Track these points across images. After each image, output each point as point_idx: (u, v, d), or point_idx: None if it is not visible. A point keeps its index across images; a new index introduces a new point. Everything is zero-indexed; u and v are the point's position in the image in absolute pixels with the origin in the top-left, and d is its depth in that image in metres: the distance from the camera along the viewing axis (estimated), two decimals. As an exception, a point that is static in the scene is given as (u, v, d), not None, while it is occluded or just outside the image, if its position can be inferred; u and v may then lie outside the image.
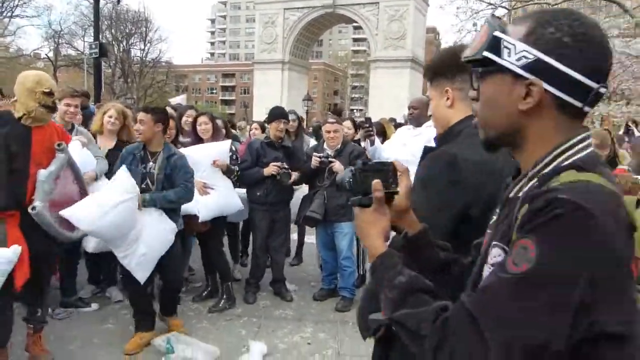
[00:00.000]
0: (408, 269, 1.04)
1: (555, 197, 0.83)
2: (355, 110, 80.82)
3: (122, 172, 3.72)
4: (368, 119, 5.33)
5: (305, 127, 6.88)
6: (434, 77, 1.76)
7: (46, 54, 43.13)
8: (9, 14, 36.78)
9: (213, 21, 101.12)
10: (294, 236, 6.49)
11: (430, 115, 1.86)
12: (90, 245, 4.17)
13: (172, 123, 4.53)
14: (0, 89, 6.63)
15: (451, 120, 1.70)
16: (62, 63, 43.09)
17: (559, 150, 0.95)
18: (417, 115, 4.48)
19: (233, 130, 7.19)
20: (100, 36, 13.82)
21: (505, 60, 0.96)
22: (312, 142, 6.22)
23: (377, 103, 29.21)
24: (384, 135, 6.11)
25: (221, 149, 4.74)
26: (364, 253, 5.09)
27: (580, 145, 0.95)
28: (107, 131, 4.60)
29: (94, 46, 13.01)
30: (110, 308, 4.62)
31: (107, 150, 4.55)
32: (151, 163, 3.92)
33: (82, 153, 4.05)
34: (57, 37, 42.19)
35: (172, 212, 3.96)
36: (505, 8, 16.85)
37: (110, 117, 4.58)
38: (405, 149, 4.22)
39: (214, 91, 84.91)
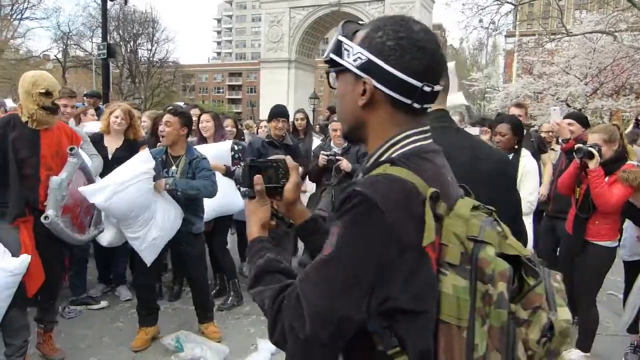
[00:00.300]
0: (272, 253, 1.18)
1: (353, 189, 0.96)
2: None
3: (144, 152, 3.78)
4: None
5: (312, 125, 6.87)
6: None
7: (55, 55, 43.38)
8: (19, 17, 37.06)
9: (219, 20, 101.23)
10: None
11: None
12: (105, 238, 4.09)
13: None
14: None
15: None
16: (71, 64, 43.33)
17: (388, 144, 1.07)
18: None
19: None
20: (108, 37, 13.87)
21: (345, 60, 1.08)
22: (317, 140, 6.21)
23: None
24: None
25: (220, 150, 4.78)
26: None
27: (408, 140, 1.06)
28: (113, 131, 4.63)
29: (102, 47, 13.08)
30: (120, 307, 4.66)
31: (114, 149, 4.58)
32: (174, 167, 3.95)
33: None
34: (65, 38, 42.39)
35: (194, 213, 4.03)
36: (511, 4, 16.70)
37: (117, 117, 4.61)
38: None
39: (221, 90, 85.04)
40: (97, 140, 4.51)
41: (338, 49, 1.10)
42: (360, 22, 1.17)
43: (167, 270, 5.45)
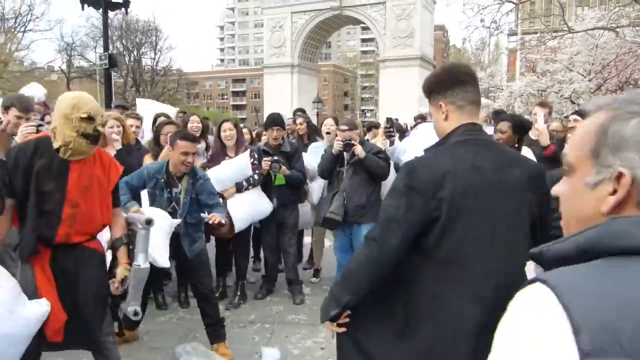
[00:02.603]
0: None
1: None
2: (366, 111, 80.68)
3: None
4: (389, 119, 5.33)
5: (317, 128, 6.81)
6: (430, 95, 1.96)
7: (59, 67, 43.72)
8: (22, 29, 37.38)
9: (222, 28, 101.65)
10: (307, 240, 6.50)
11: None
12: None
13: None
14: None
15: (446, 132, 1.89)
16: (75, 75, 43.64)
17: None
18: None
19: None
20: (111, 47, 14.00)
21: None
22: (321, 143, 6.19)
23: (387, 102, 29.14)
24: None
25: (240, 163, 4.80)
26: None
27: None
28: (110, 140, 4.53)
29: (103, 57, 13.15)
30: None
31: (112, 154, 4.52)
32: (178, 188, 3.93)
33: None
34: (69, 49, 42.75)
35: (197, 229, 4.00)
36: (512, 2, 16.65)
37: (112, 127, 4.52)
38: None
39: (225, 97, 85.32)
40: None
41: None
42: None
43: (170, 279, 5.45)
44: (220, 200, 4.28)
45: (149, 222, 2.91)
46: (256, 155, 4.91)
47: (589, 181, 0.81)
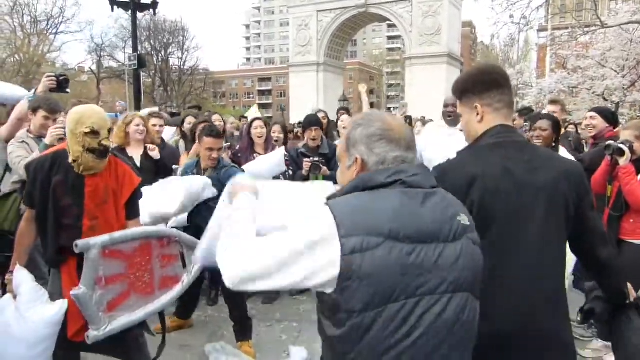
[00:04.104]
0: None
1: None
2: (392, 109, 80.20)
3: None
4: (408, 117, 5.28)
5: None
6: (463, 95, 1.93)
7: (90, 67, 44.66)
8: (54, 31, 38.35)
9: (248, 27, 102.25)
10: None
11: None
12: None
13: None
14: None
15: (479, 133, 1.89)
16: (105, 75, 44.54)
17: None
18: (457, 114, 4.36)
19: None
20: (140, 47, 14.23)
21: None
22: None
23: (414, 100, 28.93)
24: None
25: (277, 159, 4.82)
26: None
27: None
28: (135, 141, 4.61)
29: (132, 58, 13.35)
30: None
31: (140, 157, 4.58)
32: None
33: None
34: (99, 50, 43.63)
35: None
36: (543, -2, 16.32)
37: (138, 125, 4.58)
38: (443, 149, 4.15)
39: (251, 95, 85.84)
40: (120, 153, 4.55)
41: None
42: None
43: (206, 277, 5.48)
44: None
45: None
46: (291, 154, 4.99)
47: (347, 164, 1.46)
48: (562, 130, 4.63)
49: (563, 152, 3.93)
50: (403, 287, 1.24)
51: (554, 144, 3.92)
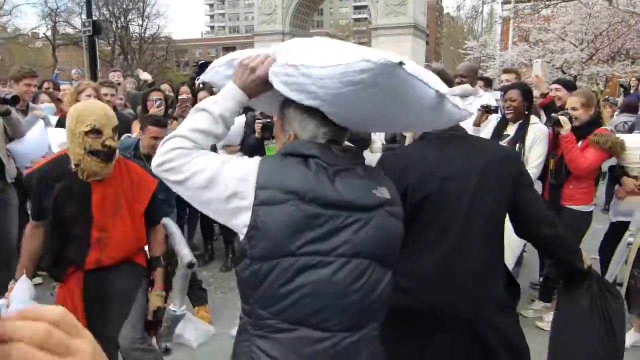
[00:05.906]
0: None
1: None
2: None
3: None
4: None
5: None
6: None
7: (44, 33, 42.74)
8: (4, -7, 36.43)
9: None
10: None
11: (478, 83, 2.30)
12: None
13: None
14: None
15: None
16: (61, 42, 42.70)
17: None
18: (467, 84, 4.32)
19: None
20: (98, 13, 13.65)
21: None
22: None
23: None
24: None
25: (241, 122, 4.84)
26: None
27: None
28: None
29: (87, 24, 12.80)
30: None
31: None
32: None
33: (42, 134, 4.17)
34: (54, 15, 41.71)
35: (168, 204, 3.87)
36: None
37: (89, 95, 4.35)
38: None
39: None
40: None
41: None
42: None
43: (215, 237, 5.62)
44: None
45: (190, 266, 2.66)
46: (247, 120, 4.93)
47: (282, 140, 1.50)
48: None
49: (535, 121, 3.97)
50: (299, 245, 1.31)
51: (526, 112, 3.89)
